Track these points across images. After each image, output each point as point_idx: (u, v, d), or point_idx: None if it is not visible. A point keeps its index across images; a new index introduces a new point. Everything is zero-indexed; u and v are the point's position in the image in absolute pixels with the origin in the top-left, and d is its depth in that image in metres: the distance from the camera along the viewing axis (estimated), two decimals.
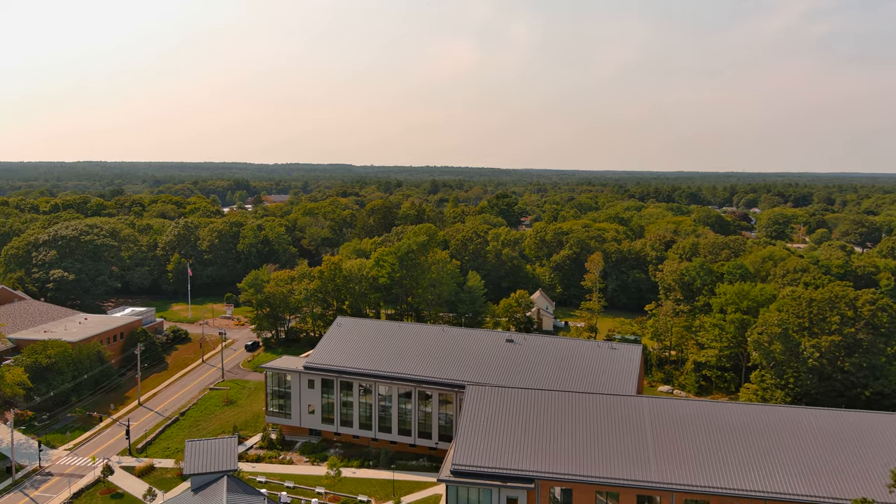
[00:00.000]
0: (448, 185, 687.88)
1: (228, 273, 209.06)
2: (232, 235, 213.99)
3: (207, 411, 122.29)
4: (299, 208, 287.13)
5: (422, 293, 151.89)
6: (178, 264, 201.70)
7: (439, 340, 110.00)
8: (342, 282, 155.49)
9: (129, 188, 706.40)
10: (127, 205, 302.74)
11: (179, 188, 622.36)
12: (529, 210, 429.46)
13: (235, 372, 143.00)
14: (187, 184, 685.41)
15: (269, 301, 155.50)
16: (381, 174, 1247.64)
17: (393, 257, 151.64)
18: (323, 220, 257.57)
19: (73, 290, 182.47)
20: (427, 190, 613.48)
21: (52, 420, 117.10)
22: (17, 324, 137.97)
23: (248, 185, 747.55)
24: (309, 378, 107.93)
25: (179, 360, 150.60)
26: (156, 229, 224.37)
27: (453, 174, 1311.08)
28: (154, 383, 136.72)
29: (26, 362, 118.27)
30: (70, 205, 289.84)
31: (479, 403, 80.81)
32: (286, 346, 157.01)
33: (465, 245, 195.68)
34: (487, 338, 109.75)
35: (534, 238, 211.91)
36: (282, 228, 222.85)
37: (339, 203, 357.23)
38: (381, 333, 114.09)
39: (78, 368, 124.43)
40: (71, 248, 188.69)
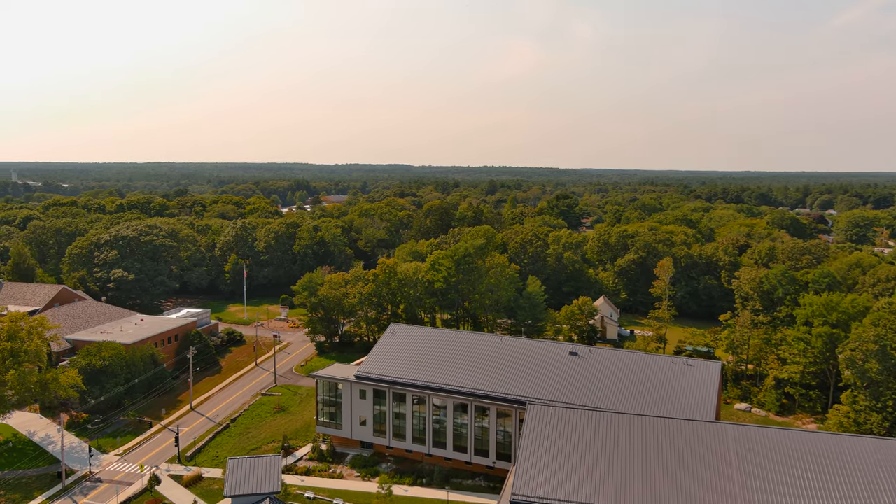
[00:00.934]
0: (506, 185, 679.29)
1: (284, 274, 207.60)
2: (288, 236, 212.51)
3: (258, 418, 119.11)
4: (356, 209, 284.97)
5: (479, 298, 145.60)
6: (235, 265, 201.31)
7: (497, 351, 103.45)
8: (397, 286, 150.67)
9: (195, 188, 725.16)
10: (189, 205, 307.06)
11: (242, 188, 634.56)
12: (590, 211, 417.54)
13: (288, 377, 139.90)
14: (249, 184, 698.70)
15: (323, 304, 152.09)
16: (439, 174, 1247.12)
17: (449, 261, 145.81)
18: (379, 220, 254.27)
19: (133, 290, 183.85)
20: (485, 190, 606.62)
21: (105, 423, 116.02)
22: (75, 324, 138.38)
23: (309, 185, 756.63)
24: (360, 388, 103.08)
25: (233, 363, 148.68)
26: (214, 230, 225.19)
27: (511, 174, 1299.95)
28: (207, 387, 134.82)
29: (81, 364, 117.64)
30: (134, 205, 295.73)
31: (541, 425, 73.90)
32: (339, 350, 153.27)
33: (524, 248, 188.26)
34: (549, 350, 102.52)
35: (596, 241, 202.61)
36: (338, 230, 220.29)
37: (395, 203, 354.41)
38: (436, 342, 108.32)
39: (131, 371, 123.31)
40: (131, 249, 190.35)
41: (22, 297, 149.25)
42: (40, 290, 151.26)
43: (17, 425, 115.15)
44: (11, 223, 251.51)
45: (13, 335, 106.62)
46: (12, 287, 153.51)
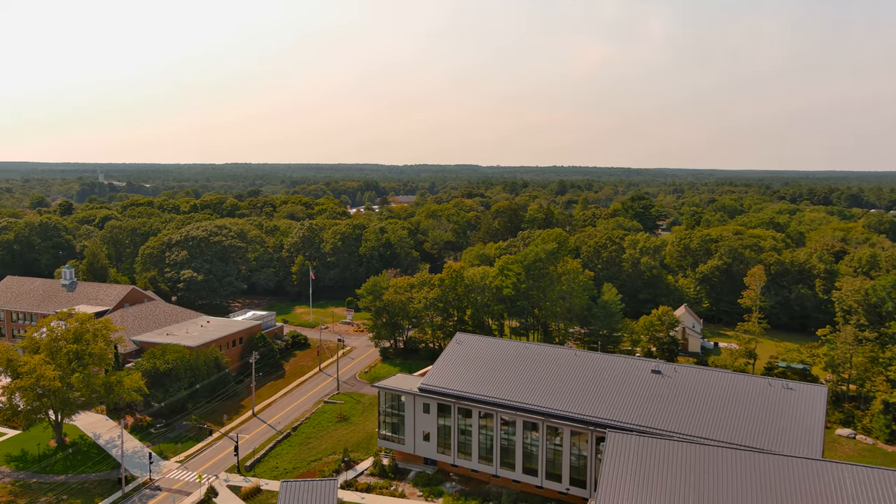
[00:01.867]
0: (576, 185, 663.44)
1: (350, 276, 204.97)
2: (355, 238, 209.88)
3: (320, 427, 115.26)
4: (423, 210, 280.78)
5: (550, 306, 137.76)
6: (302, 266, 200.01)
7: (572, 366, 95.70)
8: (463, 291, 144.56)
9: (268, 188, 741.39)
10: (259, 205, 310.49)
11: (313, 189, 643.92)
12: (666, 213, 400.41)
13: (351, 384, 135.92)
14: (320, 184, 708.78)
15: (388, 309, 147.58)
16: (507, 174, 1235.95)
17: (519, 266, 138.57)
18: (446, 222, 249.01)
19: (202, 291, 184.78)
20: (554, 191, 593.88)
21: (168, 428, 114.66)
22: (142, 325, 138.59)
23: (378, 185, 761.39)
24: (424, 401, 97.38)
25: (297, 368, 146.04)
26: (282, 230, 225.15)
27: (581, 174, 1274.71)
28: (269, 392, 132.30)
29: (145, 367, 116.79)
30: (207, 205, 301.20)
31: (623, 456, 66.06)
32: (404, 356, 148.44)
33: (597, 252, 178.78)
34: (629, 366, 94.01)
35: (676, 245, 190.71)
36: (404, 231, 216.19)
37: (463, 204, 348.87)
38: (504, 354, 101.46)
39: (195, 374, 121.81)
40: (201, 249, 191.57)
41: (94, 297, 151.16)
42: (111, 290, 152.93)
43: (84, 426, 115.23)
44: (91, 223, 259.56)
45: (79, 337, 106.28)
46: (85, 287, 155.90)
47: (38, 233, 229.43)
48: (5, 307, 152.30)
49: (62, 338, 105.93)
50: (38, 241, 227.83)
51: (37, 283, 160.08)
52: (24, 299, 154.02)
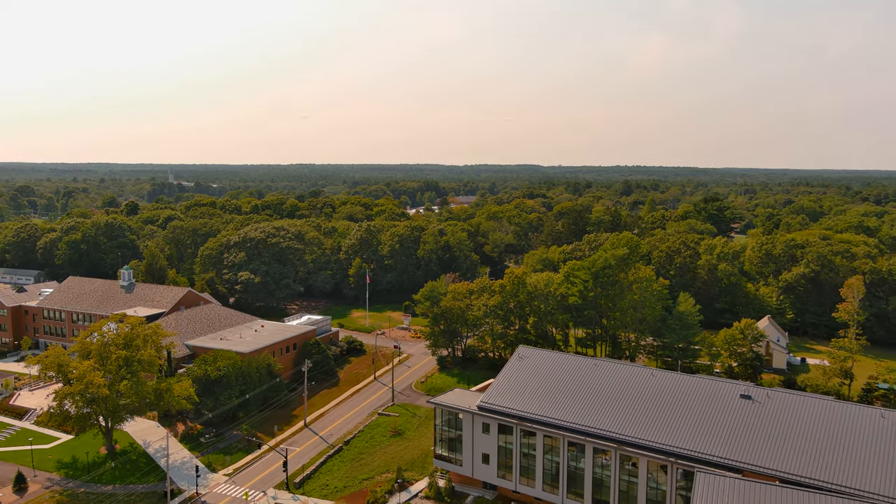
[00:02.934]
0: (642, 185, 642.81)
1: (408, 280, 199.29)
2: (413, 240, 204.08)
3: (373, 442, 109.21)
4: (483, 212, 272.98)
5: (620, 317, 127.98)
6: (359, 269, 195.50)
7: (648, 387, 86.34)
8: (526, 298, 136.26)
9: (330, 189, 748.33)
10: (319, 206, 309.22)
11: (373, 189, 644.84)
12: (739, 215, 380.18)
13: (407, 394, 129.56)
14: (381, 185, 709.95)
15: (446, 315, 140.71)
16: (569, 174, 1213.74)
17: (586, 273, 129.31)
18: (507, 224, 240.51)
19: (259, 293, 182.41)
20: (619, 191, 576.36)
21: (218, 438, 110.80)
22: (196, 329, 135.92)
23: (438, 186, 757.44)
24: (484, 421, 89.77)
25: (351, 375, 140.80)
26: (340, 232, 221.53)
27: (645, 174, 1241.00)
28: (323, 401, 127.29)
29: (196, 373, 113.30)
30: (268, 206, 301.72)
31: (715, 501, 56.78)
32: (462, 366, 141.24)
33: (669, 258, 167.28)
34: (713, 389, 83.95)
35: (756, 251, 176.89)
36: (463, 234, 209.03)
37: (524, 205, 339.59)
38: (571, 371, 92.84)
39: (246, 382, 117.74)
40: (258, 251, 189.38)
41: (151, 299, 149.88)
42: (168, 292, 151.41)
43: (135, 433, 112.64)
44: (155, 223, 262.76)
45: (129, 342, 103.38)
46: (143, 288, 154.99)
47: (103, 233, 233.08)
48: (66, 308, 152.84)
49: (112, 343, 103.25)
50: (103, 240, 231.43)
51: (97, 284, 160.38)
52: (84, 300, 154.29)
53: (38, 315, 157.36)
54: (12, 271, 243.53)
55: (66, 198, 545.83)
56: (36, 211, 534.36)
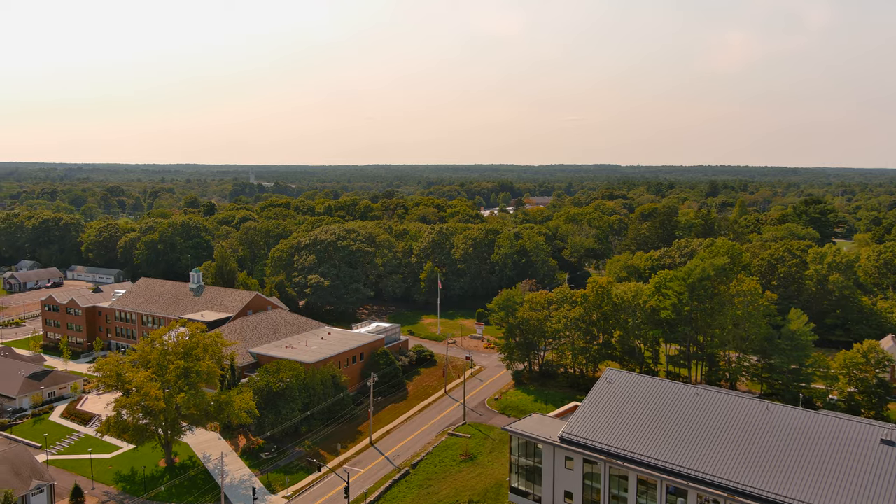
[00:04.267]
0: (729, 185, 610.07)
1: (481, 285, 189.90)
2: (487, 244, 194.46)
3: (443, 467, 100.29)
4: (561, 214, 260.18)
5: (719, 334, 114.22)
6: (431, 273, 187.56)
7: (764, 425, 73.58)
8: (611, 310, 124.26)
9: (405, 189, 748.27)
10: (391, 207, 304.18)
11: (447, 190, 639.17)
12: (841, 218, 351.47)
13: (480, 412, 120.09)
14: (455, 185, 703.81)
15: (522, 327, 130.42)
16: (649, 174, 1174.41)
17: (680, 284, 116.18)
18: (587, 227, 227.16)
19: (328, 297, 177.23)
20: (704, 192, 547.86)
21: (279, 454, 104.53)
22: (262, 335, 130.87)
23: (512, 186, 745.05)
24: (566, 454, 79.28)
25: (421, 388, 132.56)
26: (412, 235, 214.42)
27: (730, 174, 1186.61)
28: (390, 416, 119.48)
29: (258, 384, 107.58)
30: (341, 206, 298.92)
31: None
32: (540, 382, 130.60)
33: (771, 267, 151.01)
34: (845, 432, 70.32)
35: (873, 260, 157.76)
36: (540, 237, 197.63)
37: (604, 207, 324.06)
38: (670, 400, 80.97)
39: (310, 395, 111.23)
40: (328, 253, 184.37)
41: (218, 303, 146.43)
42: (236, 296, 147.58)
43: (196, 445, 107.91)
44: (230, 223, 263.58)
45: (188, 352, 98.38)
46: (211, 291, 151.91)
47: (179, 233, 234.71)
48: (136, 310, 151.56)
49: (172, 351, 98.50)
50: (180, 241, 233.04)
51: (167, 286, 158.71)
52: (154, 302, 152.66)
53: (110, 316, 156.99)
54: (94, 270, 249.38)
55: (151, 198, 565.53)
56: (124, 210, 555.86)
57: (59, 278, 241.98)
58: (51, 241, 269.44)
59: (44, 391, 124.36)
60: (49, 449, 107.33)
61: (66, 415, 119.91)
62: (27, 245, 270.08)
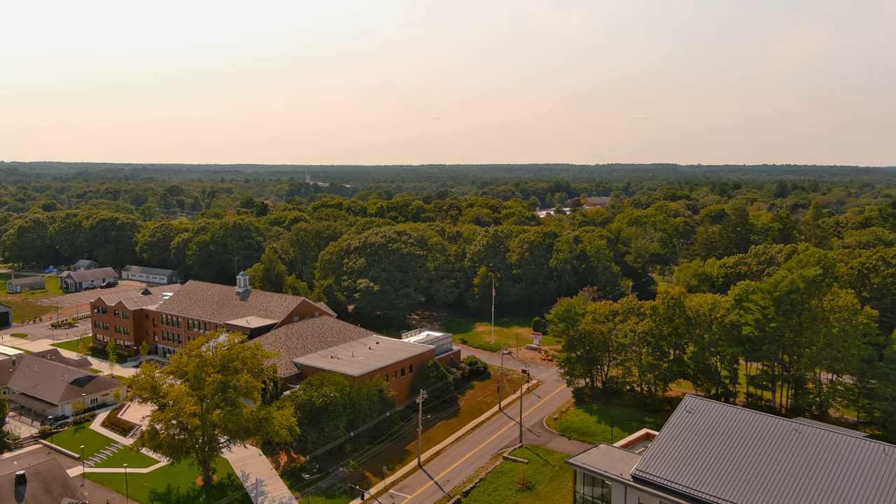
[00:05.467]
0: (799, 186, 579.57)
1: (538, 292, 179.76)
2: (544, 248, 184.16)
3: (497, 497, 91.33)
4: (623, 216, 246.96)
5: (809, 353, 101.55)
6: (485, 278, 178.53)
7: (880, 474, 62.03)
8: (684, 325, 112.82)
9: (458, 189, 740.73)
10: (444, 208, 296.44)
11: (501, 190, 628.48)
12: None
13: (538, 433, 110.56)
14: (509, 185, 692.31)
15: (584, 340, 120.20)
16: (711, 174, 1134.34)
17: (765, 297, 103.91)
18: (652, 230, 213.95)
19: (378, 302, 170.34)
20: (772, 192, 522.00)
21: (321, 475, 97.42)
22: (307, 344, 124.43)
23: (568, 186, 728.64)
24: (639, 494, 69.38)
25: (473, 404, 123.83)
26: (465, 237, 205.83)
27: (797, 173, 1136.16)
28: (440, 435, 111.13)
29: (300, 399, 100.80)
30: (393, 207, 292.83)
31: None
32: (604, 400, 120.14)
33: (862, 277, 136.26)
34: None
35: None
36: (602, 241, 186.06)
37: (667, 208, 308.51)
38: (761, 438, 70.00)
39: (355, 411, 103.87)
40: (379, 257, 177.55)
41: (264, 308, 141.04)
42: (282, 301, 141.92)
43: (235, 462, 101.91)
44: (282, 224, 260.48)
45: (226, 365, 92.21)
46: (258, 296, 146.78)
47: (231, 233, 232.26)
48: (182, 314, 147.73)
49: (210, 363, 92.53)
50: (231, 241, 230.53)
51: (214, 290, 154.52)
52: (199, 306, 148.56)
53: (157, 319, 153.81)
54: (148, 270, 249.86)
55: (209, 197, 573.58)
56: (183, 210, 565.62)
57: (114, 278, 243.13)
58: (107, 241, 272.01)
59: (85, 398, 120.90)
60: (86, 461, 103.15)
61: (107, 423, 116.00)
62: (85, 244, 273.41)
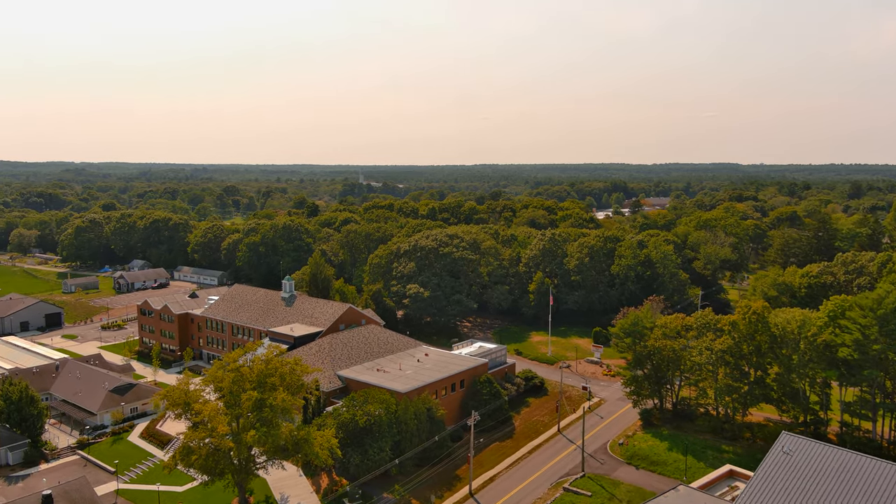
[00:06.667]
0: (874, 186, 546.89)
1: (599, 300, 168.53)
2: (605, 253, 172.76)
3: None
4: (691, 220, 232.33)
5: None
6: (541, 285, 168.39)
7: None
8: (767, 343, 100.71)
9: (511, 189, 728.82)
10: (498, 210, 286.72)
11: (555, 190, 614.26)
12: None
13: (601, 459, 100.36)
14: (564, 185, 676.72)
15: (653, 357, 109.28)
16: (774, 173, 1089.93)
17: (866, 315, 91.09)
18: (722, 235, 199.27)
19: (428, 308, 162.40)
20: (846, 193, 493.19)
21: (365, 501, 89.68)
22: (352, 355, 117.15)
23: (626, 186, 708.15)
24: None
25: (529, 424, 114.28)
26: (520, 241, 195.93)
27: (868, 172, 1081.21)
28: (493, 459, 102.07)
29: (343, 417, 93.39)
30: (445, 208, 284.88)
31: None
32: (675, 424, 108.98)
33: None
34: None
35: None
36: (668, 246, 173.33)
37: (735, 210, 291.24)
38: (878, 489, 58.56)
39: (402, 431, 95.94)
40: (429, 261, 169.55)
41: (309, 315, 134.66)
42: (328, 308, 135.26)
43: (274, 483, 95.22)
44: (332, 225, 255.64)
45: (262, 381, 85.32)
46: (303, 302, 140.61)
47: (281, 235, 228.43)
48: (227, 319, 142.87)
49: (246, 378, 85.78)
50: (281, 243, 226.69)
51: (259, 294, 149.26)
52: (244, 311, 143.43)
53: (202, 324, 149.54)
54: (199, 271, 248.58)
55: (264, 198, 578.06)
56: (238, 210, 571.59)
57: (166, 279, 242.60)
58: (160, 241, 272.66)
59: (125, 407, 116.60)
60: (122, 476, 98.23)
61: (146, 435, 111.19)
62: (139, 244, 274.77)
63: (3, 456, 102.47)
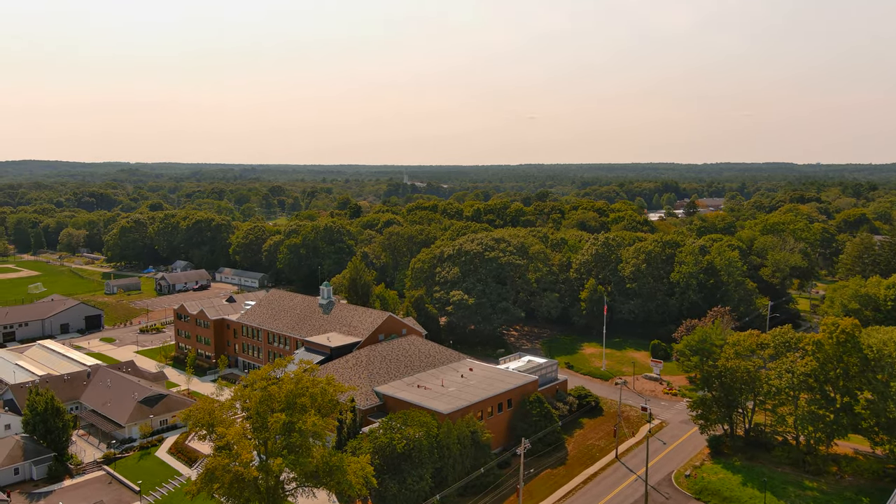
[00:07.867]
0: None
1: (656, 309, 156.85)
2: (664, 259, 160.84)
3: None
4: (756, 223, 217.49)
5: None
6: (593, 292, 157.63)
7: None
8: (857, 366, 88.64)
9: (558, 189, 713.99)
10: (546, 211, 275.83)
11: (605, 191, 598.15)
12: None
13: (666, 493, 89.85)
14: (613, 185, 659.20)
15: (724, 378, 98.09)
16: (833, 173, 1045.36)
17: None
18: (791, 240, 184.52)
19: (472, 316, 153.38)
20: None
21: None
22: (391, 369, 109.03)
23: (677, 186, 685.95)
24: None
25: (583, 448, 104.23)
26: (570, 245, 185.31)
27: None
28: (544, 488, 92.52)
29: (380, 441, 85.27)
30: (491, 210, 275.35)
31: None
32: (748, 453, 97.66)
33: None
34: None
35: None
36: (733, 252, 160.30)
37: (800, 212, 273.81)
38: None
39: (443, 457, 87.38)
40: (474, 266, 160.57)
41: (347, 324, 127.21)
42: (367, 316, 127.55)
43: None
44: (374, 227, 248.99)
45: (292, 402, 77.70)
46: (341, 309, 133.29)
47: (322, 237, 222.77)
48: (263, 326, 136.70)
49: (275, 398, 78.31)
50: (322, 245, 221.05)
51: (296, 301, 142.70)
52: (280, 318, 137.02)
53: (237, 330, 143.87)
54: (240, 273, 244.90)
55: (309, 198, 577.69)
56: (283, 210, 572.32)
57: (207, 280, 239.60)
58: (202, 242, 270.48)
59: (154, 420, 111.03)
60: (146, 496, 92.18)
61: (174, 450, 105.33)
62: (182, 245, 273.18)
63: (28, 470, 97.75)
